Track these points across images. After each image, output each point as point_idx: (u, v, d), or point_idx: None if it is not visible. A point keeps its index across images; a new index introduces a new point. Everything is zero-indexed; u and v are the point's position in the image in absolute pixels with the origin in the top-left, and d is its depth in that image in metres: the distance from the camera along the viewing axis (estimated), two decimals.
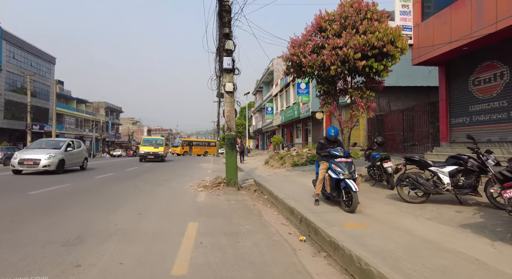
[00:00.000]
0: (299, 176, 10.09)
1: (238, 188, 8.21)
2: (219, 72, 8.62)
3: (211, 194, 7.28)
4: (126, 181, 9.58)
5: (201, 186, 8.34)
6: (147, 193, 7.11)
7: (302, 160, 13.50)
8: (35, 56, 35.42)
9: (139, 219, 4.72)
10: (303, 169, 12.05)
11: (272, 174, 11.23)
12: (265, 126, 37.29)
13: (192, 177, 11.32)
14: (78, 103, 50.38)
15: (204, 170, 15.16)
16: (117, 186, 8.30)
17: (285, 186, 7.82)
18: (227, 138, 8.34)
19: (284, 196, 6.27)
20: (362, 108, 8.26)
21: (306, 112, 19.03)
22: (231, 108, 8.34)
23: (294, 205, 5.36)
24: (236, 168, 8.33)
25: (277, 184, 8.20)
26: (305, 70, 8.38)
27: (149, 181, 9.66)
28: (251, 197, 7.33)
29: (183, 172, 13.49)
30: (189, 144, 48.24)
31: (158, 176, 11.37)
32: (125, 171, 13.69)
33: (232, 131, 8.34)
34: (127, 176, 11.21)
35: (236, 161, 8.31)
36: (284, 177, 10.09)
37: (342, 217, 4.52)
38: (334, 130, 5.52)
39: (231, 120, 8.35)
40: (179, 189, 8.00)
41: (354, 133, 15.81)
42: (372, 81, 8.40)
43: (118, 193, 7.22)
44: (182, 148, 46.64)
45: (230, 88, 8.22)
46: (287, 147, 19.86)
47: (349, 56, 7.62)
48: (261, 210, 5.78)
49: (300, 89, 18.63)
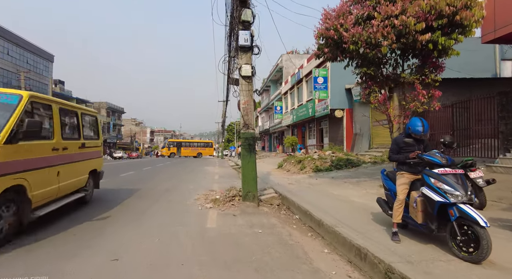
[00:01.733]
0: (331, 185, 8.08)
1: (258, 203, 6.24)
2: (233, 51, 6.67)
3: (224, 214, 5.30)
4: (114, 194, 7.63)
5: (210, 200, 6.37)
6: (135, 216, 5.13)
7: (326, 164, 11.49)
8: (31, 53, 33.80)
9: (111, 274, 2.75)
10: (330, 175, 10.04)
11: (293, 182, 9.24)
12: (273, 127, 35.29)
13: (197, 184, 9.36)
14: (78, 103, 48.68)
15: (210, 175, 13.20)
16: (100, 203, 6.35)
17: (322, 202, 5.84)
18: (244, 138, 6.38)
19: (331, 220, 4.32)
20: (423, 98, 6.25)
21: (324, 110, 17.03)
22: (248, 99, 6.38)
23: (360, 241, 3.40)
24: (256, 178, 6.35)
25: (309, 198, 6.23)
26: (346, 49, 6.41)
27: (144, 192, 7.71)
28: (278, 217, 5.37)
29: (187, 178, 11.54)
30: (177, 144, 45.81)
31: (156, 184, 9.42)
32: (118, 177, 11.77)
33: (250, 128, 6.38)
34: (118, 186, 9.27)
35: (255, 168, 6.34)
36: (310, 187, 8.10)
37: (466, 272, 2.55)
38: (423, 123, 3.52)
39: (248, 114, 6.38)
40: (181, 205, 6.02)
41: (383, 133, 13.78)
42: (432, 64, 6.41)
43: (95, 216, 5.27)
44: (168, 149, 44.58)
45: (247, 72, 6.27)
46: (305, 148, 17.85)
47: (409, 27, 5.64)
48: (304, 245, 3.81)
49: (318, 84, 16.65)
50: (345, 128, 16.64)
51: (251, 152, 6.33)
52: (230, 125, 64.10)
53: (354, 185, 7.84)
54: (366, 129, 15.17)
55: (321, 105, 17.55)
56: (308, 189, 7.78)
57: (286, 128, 29.62)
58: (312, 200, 6.03)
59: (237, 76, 6.55)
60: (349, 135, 16.46)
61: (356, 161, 11.53)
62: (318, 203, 5.69)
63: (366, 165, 11.33)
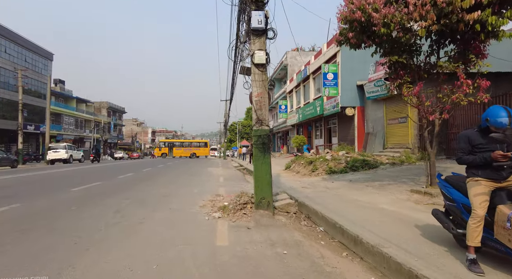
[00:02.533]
0: (352, 190, 7.19)
1: (273, 212, 5.37)
2: (243, 36, 5.79)
3: (237, 227, 4.42)
4: (108, 197, 6.77)
5: (218, 208, 5.51)
6: (130, 229, 4.24)
7: (340, 165, 10.60)
8: (30, 51, 33.05)
9: None
10: (347, 178, 9.15)
11: (307, 185, 8.37)
12: (277, 127, 34.40)
13: (201, 188, 8.49)
14: (79, 103, 48.04)
15: (214, 177, 12.33)
16: (89, 210, 5.48)
17: (348, 210, 4.97)
18: (256, 136, 5.50)
19: (371, 237, 3.49)
20: (468, 89, 5.35)
21: (334, 108, 16.13)
22: (262, 90, 5.51)
23: (426, 271, 2.55)
24: (271, 182, 5.47)
25: (331, 205, 5.37)
26: (375, 32, 5.54)
27: (141, 197, 6.84)
28: (300, 230, 4.50)
29: (189, 181, 10.67)
30: (169, 145, 44.91)
31: (156, 187, 8.56)
32: (116, 179, 10.92)
33: (264, 124, 5.50)
34: (114, 189, 8.41)
35: (270, 171, 5.46)
36: (328, 191, 7.23)
37: None
38: (509, 113, 2.62)
39: (262, 108, 5.51)
40: (184, 215, 5.14)
41: (399, 132, 12.87)
42: (476, 50, 5.51)
43: (82, 226, 4.40)
44: (159, 149, 43.90)
45: (261, 59, 5.39)
46: (315, 149, 16.93)
47: (454, 4, 4.76)
48: (343, 272, 2.93)
49: (327, 81, 15.76)
50: (356, 127, 15.74)
51: (265, 152, 5.45)
52: (232, 125, 63.28)
53: (378, 189, 6.95)
54: (380, 128, 14.27)
55: (330, 103, 16.65)
56: (326, 193, 6.90)
57: (290, 128, 28.73)
58: (335, 208, 5.16)
59: (249, 65, 5.68)
60: (361, 135, 15.55)
61: (373, 162, 10.63)
62: (344, 212, 4.82)
63: (384, 166, 10.43)
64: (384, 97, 13.50)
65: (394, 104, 13.19)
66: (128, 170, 15.49)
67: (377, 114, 14.52)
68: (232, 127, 63.41)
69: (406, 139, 12.32)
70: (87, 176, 12.25)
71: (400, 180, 7.79)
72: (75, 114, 44.67)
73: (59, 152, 25.60)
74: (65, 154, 25.69)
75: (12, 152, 28.16)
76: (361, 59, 15.89)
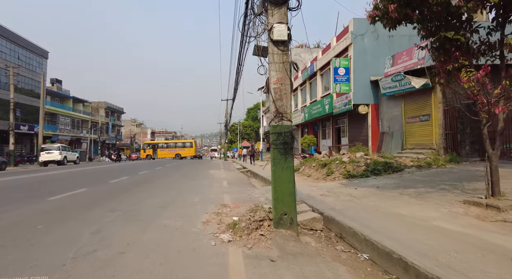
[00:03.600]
0: (383, 198, 5.99)
1: (297, 231, 4.18)
2: (258, 6, 4.58)
3: (256, 259, 3.18)
4: (91, 209, 5.56)
5: (226, 226, 4.31)
6: (106, 264, 3.00)
7: (359, 168, 9.39)
8: (23, 48, 31.81)
9: None
10: (370, 183, 7.96)
11: (326, 192, 7.17)
12: None
13: (203, 195, 7.29)
14: (76, 102, 46.81)
15: (217, 181, 11.12)
16: (60, 230, 4.27)
17: (398, 230, 3.78)
18: (275, 133, 4.30)
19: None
20: None
21: (345, 106, 14.93)
22: (283, 76, 4.31)
23: None
24: (295, 193, 4.26)
25: (372, 222, 4.19)
26: (426, 2, 4.35)
27: (132, 209, 5.64)
28: (339, 260, 3.31)
29: (190, 186, 9.46)
30: (152, 146, 44.27)
31: (151, 195, 7.36)
32: (107, 183, 9.72)
33: (285, 118, 4.30)
34: (101, 197, 7.22)
35: (293, 178, 4.26)
36: (355, 200, 6.03)
37: None
38: None
39: (282, 98, 4.31)
40: (183, 238, 3.90)
41: (420, 132, 11.68)
42: None
43: (39, 259, 3.19)
44: (144, 151, 43.43)
45: (281, 34, 4.21)
46: (328, 150, 15.70)
47: None
48: None
49: (338, 76, 14.56)
50: (370, 127, 14.53)
51: (286, 154, 4.25)
52: (233, 126, 62.09)
53: (418, 198, 5.75)
54: (397, 127, 13.08)
55: (341, 101, 15.46)
56: (355, 204, 5.71)
57: (294, 128, 27.52)
58: (378, 226, 3.99)
59: (265, 43, 4.49)
60: (375, 135, 14.35)
61: (396, 164, 9.44)
62: (393, 232, 3.65)
63: (410, 169, 9.24)
64: (402, 93, 12.31)
65: (414, 101, 12.01)
66: (123, 172, 14.28)
67: (394, 112, 13.33)
68: (233, 127, 62.22)
69: (429, 139, 11.12)
70: (76, 180, 11.04)
71: (439, 187, 6.59)
72: (71, 115, 43.43)
73: (53, 153, 24.39)
74: (58, 155, 24.47)
75: (4, 153, 26.92)
76: (374, 53, 14.77)
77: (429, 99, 10.98)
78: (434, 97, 10.72)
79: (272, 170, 4.32)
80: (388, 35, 14.85)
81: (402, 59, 11.99)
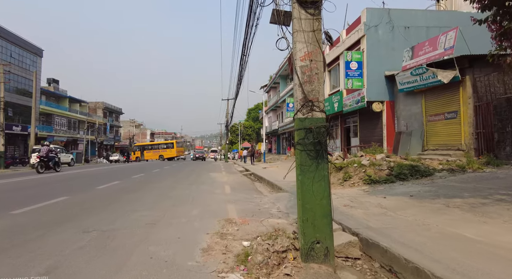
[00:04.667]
0: (424, 210, 4.81)
1: (334, 266, 2.98)
2: None
3: None
4: (56, 230, 4.36)
5: (235, 257, 3.11)
6: None
7: (382, 172, 8.19)
8: (16, 46, 30.62)
9: None
10: (398, 190, 6.76)
11: (349, 203, 5.97)
12: (283, 127, 32.04)
13: (203, 207, 6.08)
14: (72, 102, 45.64)
15: (219, 186, 9.91)
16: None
17: (481, 266, 2.56)
18: (303, 130, 3.09)
19: None
20: None
21: (357, 104, 13.72)
22: (314, 49, 3.11)
23: None
24: (331, 213, 3.06)
25: (439, 252, 3.00)
26: None
27: (112, 228, 4.43)
28: None
29: (187, 193, 8.26)
30: (141, 148, 44.97)
31: (140, 206, 6.15)
32: (93, 190, 8.51)
33: (317, 109, 3.10)
34: (78, 209, 6.03)
35: (329, 192, 3.07)
36: (388, 213, 4.84)
37: None
38: None
39: (313, 80, 3.11)
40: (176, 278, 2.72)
41: (445, 131, 10.48)
42: None
43: None
44: (133, 153, 43.89)
45: None
46: (343, 151, 14.48)
47: None
48: None
49: (350, 71, 13.37)
50: (385, 126, 13.33)
51: (319, 159, 3.05)
52: (234, 127, 60.92)
53: (475, 213, 4.54)
54: (417, 126, 11.88)
55: (353, 98, 14.26)
56: (390, 218, 4.53)
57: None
58: (444, 257, 2.88)
59: (287, 7, 3.30)
60: (390, 135, 13.16)
61: (424, 168, 8.24)
62: (474, 270, 2.45)
63: (441, 173, 8.04)
64: (423, 89, 11.13)
65: (437, 97, 10.81)
66: (115, 176, 13.08)
67: (413, 109, 12.13)
68: (233, 128, 61.06)
69: (456, 139, 9.91)
70: (60, 185, 9.83)
71: (494, 197, 5.39)
72: (67, 115, 42.23)
73: None
74: None
75: None
76: (389, 46, 13.59)
77: (457, 94, 9.79)
78: (463, 92, 9.52)
79: (298, 180, 3.12)
80: (404, 26, 13.70)
81: (424, 50, 10.80)
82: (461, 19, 11.69)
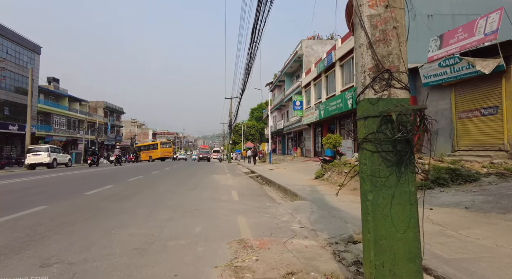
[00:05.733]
0: (505, 232, 3.60)
1: None
2: None
3: None
4: (7, 262, 3.20)
5: None
6: None
7: (416, 177, 6.98)
8: (13, 42, 29.63)
9: None
10: (448, 200, 5.56)
11: None
12: (289, 126, 30.83)
13: (208, 222, 4.89)
14: (72, 102, 44.69)
15: (224, 191, 8.74)
16: None
17: None
18: (374, 117, 1.92)
19: None
20: None
21: None
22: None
23: None
24: (421, 254, 1.88)
25: None
26: None
27: (84, 259, 3.27)
28: None
29: (188, 201, 7.09)
30: (138, 149, 45.36)
31: (128, 221, 4.99)
32: (80, 196, 7.36)
33: (397, 84, 1.93)
34: (56, 224, 4.89)
35: (417, 222, 1.89)
36: (447, 232, 3.70)
37: None
38: None
39: (390, 39, 1.92)
40: None
41: (480, 129, 9.25)
42: None
43: None
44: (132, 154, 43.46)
45: None
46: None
47: None
48: None
49: None
50: None
51: (400, 166, 1.88)
52: (237, 126, 59.79)
53: None
54: (445, 123, 10.65)
55: None
56: (451, 239, 3.39)
57: (306, 127, 25.12)
58: None
59: None
60: None
61: (465, 171, 7.03)
62: None
63: (488, 178, 6.82)
64: (453, 82, 9.91)
65: (471, 90, 9.58)
66: (110, 179, 11.95)
67: (440, 105, 10.91)
68: (236, 128, 59.93)
69: (497, 138, 8.68)
70: (44, 190, 8.69)
71: None
72: (67, 114, 41.26)
73: (40, 155, 22.10)
74: (47, 157, 22.17)
75: None
76: (411, 36, 12.31)
77: (498, 87, 8.55)
78: (506, 84, 8.28)
79: (366, 199, 1.93)
80: (428, 15, 12.47)
81: (457, 38, 9.57)
82: (492, 4, 10.47)
